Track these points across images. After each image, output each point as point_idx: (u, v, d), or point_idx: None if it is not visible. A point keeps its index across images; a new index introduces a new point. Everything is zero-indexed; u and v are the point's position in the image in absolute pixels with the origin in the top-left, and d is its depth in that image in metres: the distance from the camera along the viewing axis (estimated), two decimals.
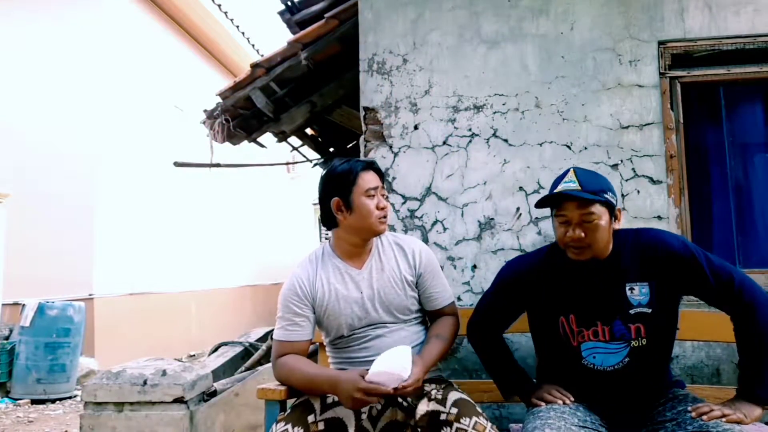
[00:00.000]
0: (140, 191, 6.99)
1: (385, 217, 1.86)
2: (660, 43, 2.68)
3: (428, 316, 2.03)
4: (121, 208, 6.66)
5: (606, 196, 1.68)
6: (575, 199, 1.67)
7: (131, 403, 2.87)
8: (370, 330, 1.89)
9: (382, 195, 1.87)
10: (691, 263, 1.71)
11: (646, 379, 1.76)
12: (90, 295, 6.13)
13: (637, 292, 1.74)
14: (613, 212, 1.71)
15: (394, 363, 1.66)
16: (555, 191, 1.71)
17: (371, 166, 1.88)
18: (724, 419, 1.58)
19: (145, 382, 2.87)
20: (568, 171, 1.74)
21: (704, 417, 1.59)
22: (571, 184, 1.69)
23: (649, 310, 1.72)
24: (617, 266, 1.75)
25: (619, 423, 1.78)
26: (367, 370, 1.67)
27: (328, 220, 1.91)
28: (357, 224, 1.84)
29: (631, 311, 1.73)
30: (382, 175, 1.92)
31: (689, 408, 1.64)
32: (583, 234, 1.67)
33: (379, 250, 1.94)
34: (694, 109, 2.75)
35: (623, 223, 2.54)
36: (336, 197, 1.84)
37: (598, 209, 1.67)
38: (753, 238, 2.74)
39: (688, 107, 2.73)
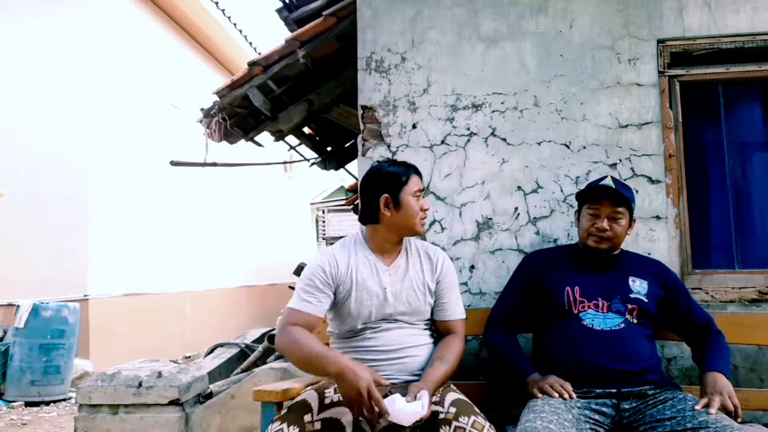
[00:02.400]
0: (136, 191, 6.95)
1: (425, 218, 1.98)
2: (659, 41, 2.67)
3: (436, 330, 2.05)
4: (117, 207, 6.62)
5: (633, 204, 2.07)
6: (612, 197, 2.03)
7: (126, 406, 2.85)
8: (383, 323, 1.94)
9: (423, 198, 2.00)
10: (685, 293, 2.12)
11: (639, 349, 1.95)
12: (85, 296, 6.09)
13: (639, 285, 2.05)
14: (632, 218, 2.09)
15: (410, 407, 1.64)
16: (601, 183, 2.06)
17: (417, 171, 2.01)
18: (720, 406, 1.70)
19: (140, 384, 2.85)
20: (605, 177, 2.11)
21: (711, 410, 1.68)
22: (608, 184, 2.05)
23: (646, 300, 2.03)
24: (625, 263, 2.13)
25: (618, 417, 1.80)
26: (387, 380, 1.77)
27: (369, 215, 1.98)
28: (401, 222, 1.93)
29: (631, 295, 2.02)
30: (422, 178, 2.05)
31: (696, 407, 1.72)
32: (609, 227, 2.02)
33: (408, 251, 2.03)
34: (692, 108, 2.74)
35: None
36: (386, 194, 1.92)
37: (626, 212, 2.05)
38: (751, 237, 2.73)
39: (687, 106, 2.71)
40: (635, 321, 1.98)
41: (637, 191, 2.60)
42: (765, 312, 2.43)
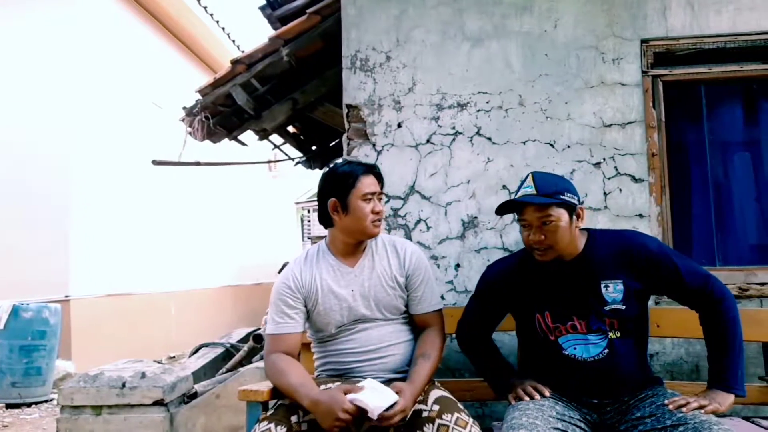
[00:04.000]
0: (117, 190, 6.87)
1: (379, 220, 1.90)
2: (643, 41, 2.69)
3: (414, 324, 2.03)
4: (98, 207, 6.53)
5: (563, 197, 1.75)
6: (531, 203, 1.75)
7: (109, 406, 2.83)
8: (358, 324, 1.92)
9: (379, 199, 1.92)
10: (667, 264, 1.80)
11: (625, 370, 1.81)
12: (66, 296, 6.01)
13: (612, 290, 1.80)
14: (573, 212, 1.78)
15: (379, 391, 1.67)
16: (510, 199, 1.82)
17: (372, 170, 1.92)
18: (702, 411, 1.63)
19: (123, 385, 2.82)
20: (528, 176, 1.81)
21: (683, 409, 1.64)
22: (528, 189, 1.77)
23: (623, 307, 1.79)
24: (591, 264, 1.82)
25: (599, 418, 1.81)
26: (356, 382, 1.73)
27: (324, 219, 1.95)
28: (351, 226, 1.88)
29: (606, 308, 1.79)
30: (382, 179, 1.96)
31: (666, 402, 1.69)
32: (543, 236, 1.75)
33: (372, 249, 1.98)
34: (675, 108, 2.77)
35: (606, 223, 2.59)
36: (333, 198, 1.87)
37: (556, 211, 1.74)
38: (732, 235, 2.77)
39: (670, 106, 2.74)
40: (619, 335, 1.80)
41: (620, 190, 2.63)
42: (744, 308, 2.46)
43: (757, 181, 2.78)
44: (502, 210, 1.84)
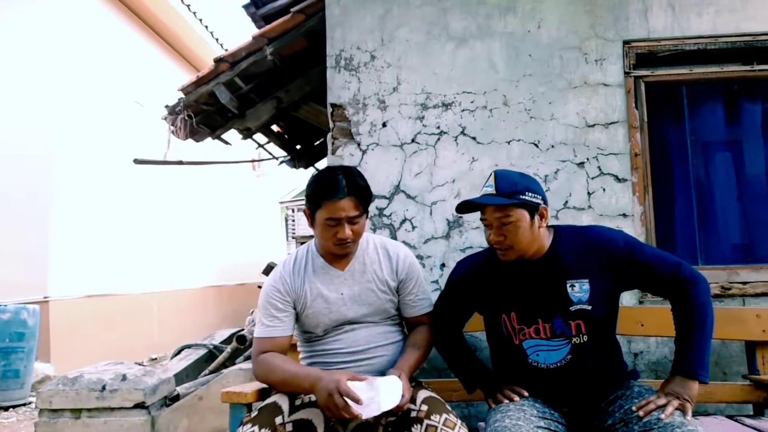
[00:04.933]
0: (98, 189, 6.76)
1: (345, 245, 1.80)
2: (625, 42, 2.71)
3: (406, 324, 2.04)
4: (78, 206, 6.43)
5: (524, 197, 1.71)
6: (489, 204, 1.73)
7: (89, 410, 2.79)
8: (346, 325, 1.90)
9: (354, 222, 1.78)
10: (637, 257, 1.77)
11: (591, 376, 1.79)
12: (45, 297, 5.90)
13: (578, 289, 1.77)
14: (536, 211, 1.74)
15: (383, 390, 1.65)
16: (468, 199, 1.78)
17: (353, 191, 1.75)
18: (662, 416, 1.59)
19: (103, 388, 2.78)
20: (491, 175, 1.78)
21: (641, 412, 1.63)
22: (488, 188, 1.75)
23: (589, 307, 1.76)
24: (558, 263, 1.79)
25: (575, 417, 1.82)
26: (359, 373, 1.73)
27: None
28: (318, 238, 1.87)
29: (572, 308, 1.76)
30: (366, 198, 1.81)
31: (634, 408, 1.67)
32: (503, 237, 1.73)
33: (363, 252, 1.94)
34: (657, 108, 2.80)
35: (590, 222, 2.60)
36: (306, 207, 1.85)
37: (516, 212, 1.71)
38: (714, 234, 2.81)
39: (652, 106, 2.77)
40: (584, 339, 1.77)
41: (604, 190, 2.65)
42: (727, 307, 2.50)
43: (739, 180, 2.82)
44: (462, 209, 1.80)
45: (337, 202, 1.73)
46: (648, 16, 2.71)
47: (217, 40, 8.92)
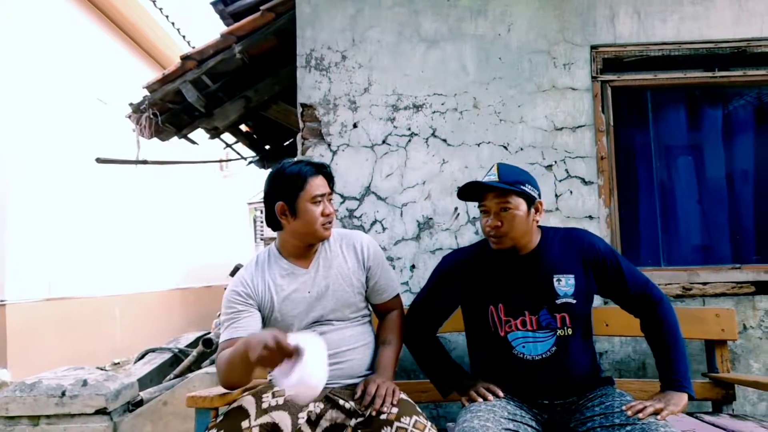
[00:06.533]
0: (58, 189, 6.56)
1: (330, 222, 1.84)
2: (592, 47, 2.76)
3: (375, 311, 2.04)
4: (37, 207, 6.23)
5: (524, 187, 1.79)
6: (493, 189, 1.79)
7: (48, 416, 2.70)
8: (316, 326, 1.87)
9: (330, 200, 1.84)
10: (612, 264, 1.88)
11: (574, 368, 1.85)
12: (1, 300, 5.70)
13: (564, 283, 1.85)
14: (532, 204, 1.83)
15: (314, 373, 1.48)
16: (473, 181, 1.85)
17: (321, 170, 1.83)
18: (658, 417, 1.65)
19: (63, 393, 2.70)
20: (493, 166, 1.86)
21: (640, 415, 1.65)
22: (492, 176, 1.82)
23: (574, 301, 1.84)
24: (545, 259, 1.87)
25: (550, 417, 1.84)
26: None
27: (272, 222, 1.87)
28: (301, 229, 1.82)
29: (558, 301, 1.84)
30: (332, 179, 1.88)
31: (623, 407, 1.70)
32: (499, 223, 1.80)
33: (325, 247, 1.93)
34: (623, 112, 2.86)
35: (557, 224, 2.64)
36: (281, 201, 1.80)
37: (515, 200, 1.79)
38: (676, 236, 2.88)
39: (618, 110, 2.83)
40: (569, 332, 1.84)
41: (571, 192, 2.69)
42: (688, 307, 2.56)
43: (699, 184, 2.90)
44: (464, 193, 1.87)
45: (316, 178, 1.80)
46: (615, 21, 2.76)
47: (184, 37, 8.76)
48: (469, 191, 1.86)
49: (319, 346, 1.53)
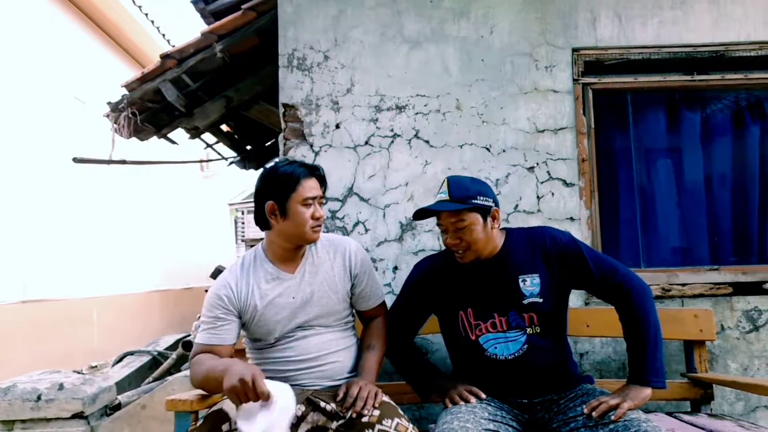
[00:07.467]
0: (34, 188, 6.44)
1: (319, 226, 1.83)
2: (574, 50, 2.78)
3: (359, 317, 2.03)
4: (11, 207, 6.10)
5: (476, 201, 1.81)
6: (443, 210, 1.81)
7: (23, 421, 2.65)
8: (298, 331, 1.86)
9: (320, 203, 1.83)
10: (575, 255, 1.88)
11: (547, 366, 1.87)
12: None
13: (529, 283, 1.87)
14: (488, 214, 1.84)
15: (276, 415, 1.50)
16: (424, 207, 1.87)
17: (315, 172, 1.82)
18: (614, 416, 1.64)
19: (39, 397, 2.64)
20: (444, 182, 1.87)
21: (594, 413, 1.67)
22: (442, 195, 1.85)
23: (540, 300, 1.86)
24: (510, 261, 1.89)
25: (531, 417, 1.86)
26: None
27: (260, 221, 1.85)
28: (290, 231, 1.80)
29: (524, 301, 1.86)
30: (325, 182, 1.87)
31: (584, 408, 1.72)
32: (458, 240, 1.83)
33: (313, 252, 1.91)
34: (604, 115, 2.88)
35: (539, 223, 2.65)
36: (271, 200, 1.78)
37: (469, 216, 1.81)
38: (655, 238, 2.91)
39: (599, 113, 2.85)
40: (538, 331, 1.86)
41: (552, 194, 2.70)
42: (667, 308, 2.59)
43: (678, 186, 2.93)
44: (419, 216, 1.89)
45: (309, 180, 1.79)
46: (596, 25, 2.78)
47: (164, 35, 8.66)
48: (425, 213, 1.87)
49: (291, 400, 1.54)
